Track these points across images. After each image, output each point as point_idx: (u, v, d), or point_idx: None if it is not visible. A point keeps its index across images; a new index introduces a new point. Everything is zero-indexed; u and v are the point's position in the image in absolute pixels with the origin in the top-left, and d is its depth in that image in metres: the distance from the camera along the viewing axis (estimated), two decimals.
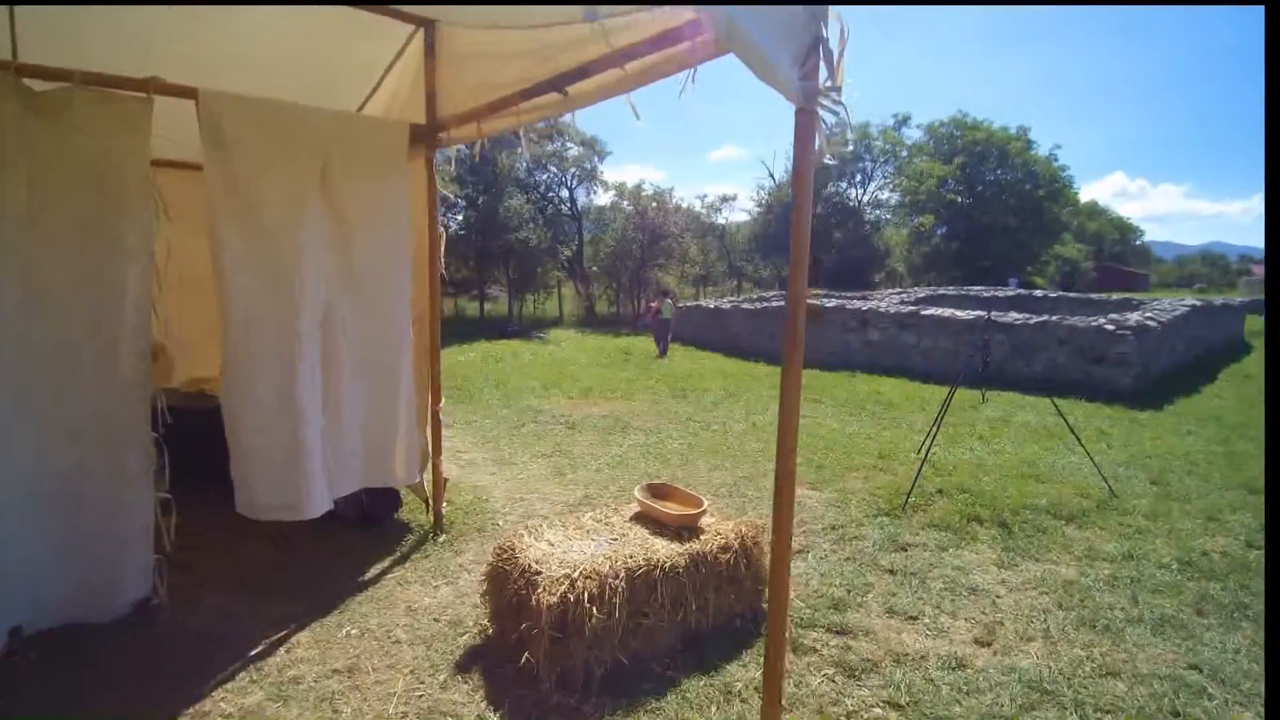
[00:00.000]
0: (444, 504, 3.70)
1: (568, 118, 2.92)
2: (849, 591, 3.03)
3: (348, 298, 3.03)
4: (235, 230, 2.69)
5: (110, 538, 2.57)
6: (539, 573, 2.40)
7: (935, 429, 4.67)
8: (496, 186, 19.17)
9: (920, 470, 4.36)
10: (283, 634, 2.64)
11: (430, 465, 3.63)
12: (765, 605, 2.55)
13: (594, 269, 24.51)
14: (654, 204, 23.64)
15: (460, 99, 3.16)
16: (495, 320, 21.52)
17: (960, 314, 9.90)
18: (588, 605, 2.28)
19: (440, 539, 3.55)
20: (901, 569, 3.26)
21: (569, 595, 2.28)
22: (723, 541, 2.72)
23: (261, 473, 2.89)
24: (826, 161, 16.34)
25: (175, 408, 2.77)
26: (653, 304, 13.66)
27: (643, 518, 2.88)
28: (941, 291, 16.52)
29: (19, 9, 2.33)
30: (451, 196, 18.21)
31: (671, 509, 2.84)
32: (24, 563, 2.39)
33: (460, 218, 19.59)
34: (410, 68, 3.44)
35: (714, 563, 2.63)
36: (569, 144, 22.83)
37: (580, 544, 2.63)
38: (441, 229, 3.43)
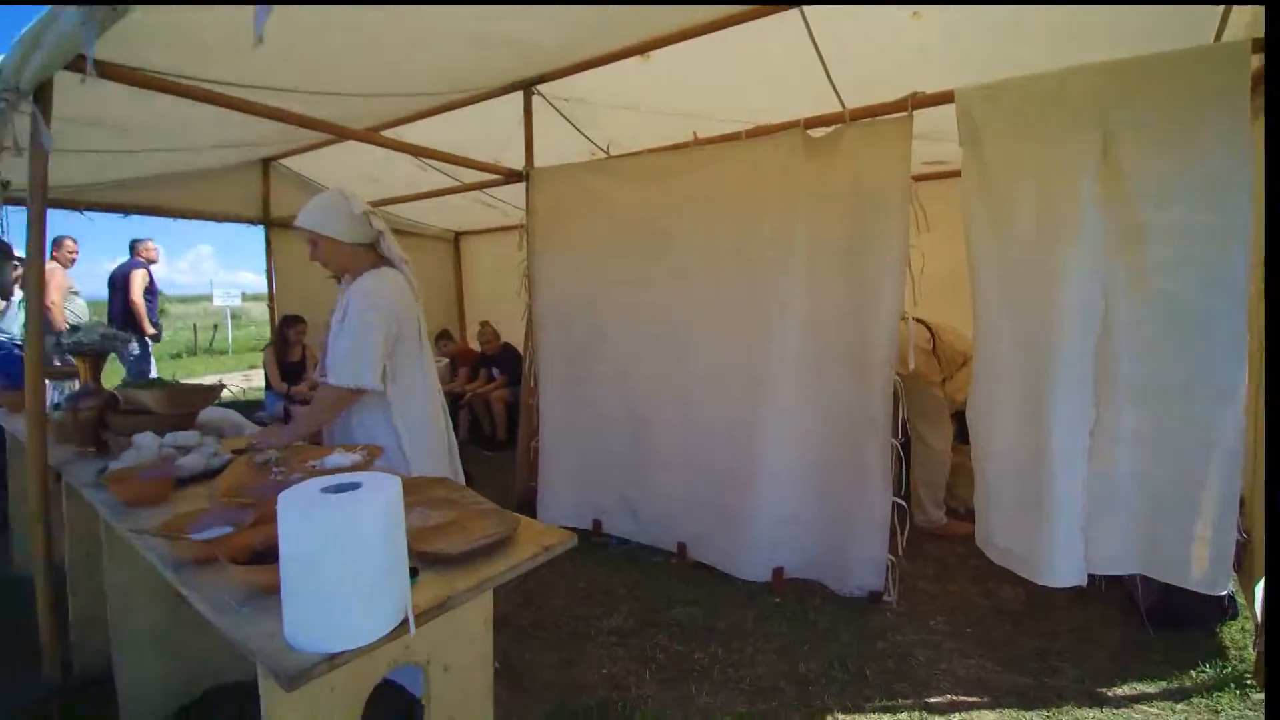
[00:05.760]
0: None
1: None
2: None
3: (1133, 313, 2.17)
4: (984, 233, 2.38)
5: (849, 522, 2.82)
6: None
7: None
8: None
9: None
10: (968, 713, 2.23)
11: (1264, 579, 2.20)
12: None
13: None
14: None
15: None
16: None
17: None
18: None
19: (1252, 696, 2.14)
20: None
21: None
22: None
23: (997, 511, 2.53)
24: None
25: None
26: None
27: None
28: None
29: None
30: None
31: None
32: (793, 521, 2.94)
33: None
34: None
35: None
36: None
37: None
38: None
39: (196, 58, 2.54)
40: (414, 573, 1.19)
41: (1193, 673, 2.32)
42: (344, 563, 1.01)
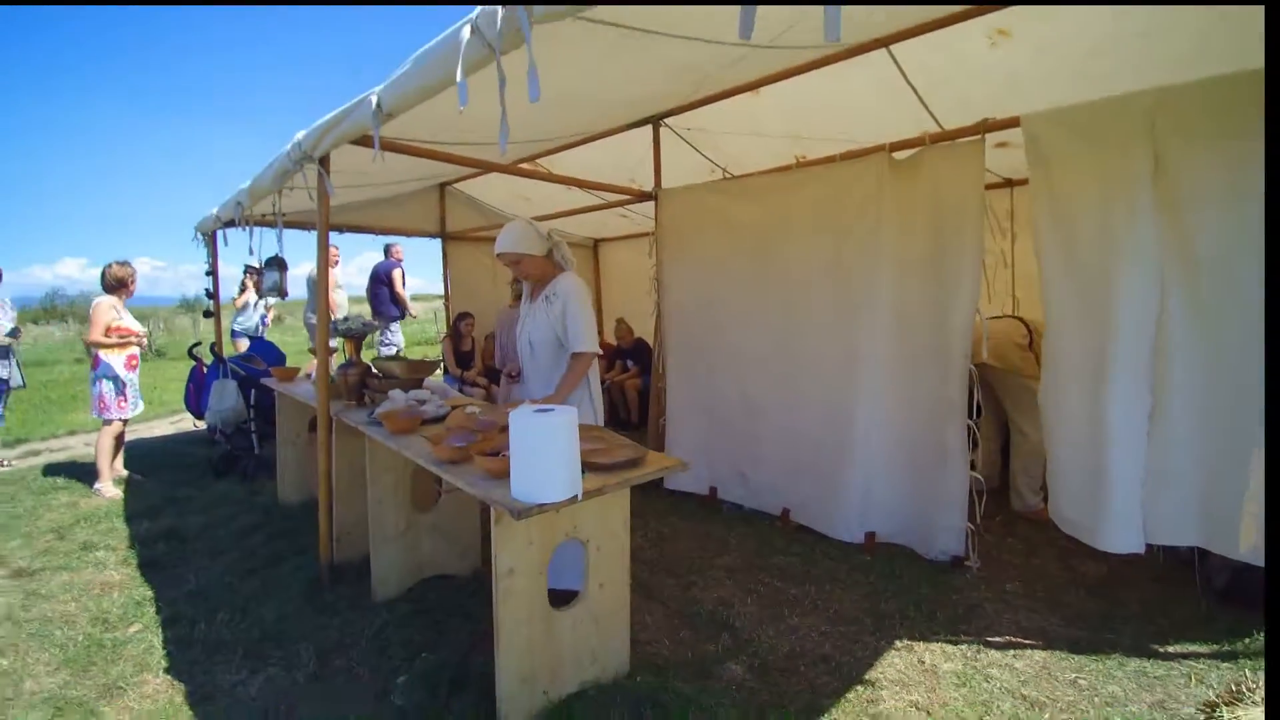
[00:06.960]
0: None
1: None
2: None
3: (1187, 305, 2.44)
4: (1053, 242, 2.71)
5: (933, 492, 3.21)
6: None
7: None
8: None
9: None
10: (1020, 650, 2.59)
11: None
12: None
13: None
14: None
15: None
16: None
17: None
18: None
19: None
20: None
21: None
22: None
23: (1065, 485, 2.85)
24: None
25: None
26: None
27: None
28: None
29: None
30: None
31: None
32: (884, 492, 3.38)
33: None
34: None
35: None
36: None
37: None
38: None
39: (420, 129, 3.44)
40: (581, 472, 1.87)
41: (1246, 640, 2.52)
42: (547, 450, 1.71)
